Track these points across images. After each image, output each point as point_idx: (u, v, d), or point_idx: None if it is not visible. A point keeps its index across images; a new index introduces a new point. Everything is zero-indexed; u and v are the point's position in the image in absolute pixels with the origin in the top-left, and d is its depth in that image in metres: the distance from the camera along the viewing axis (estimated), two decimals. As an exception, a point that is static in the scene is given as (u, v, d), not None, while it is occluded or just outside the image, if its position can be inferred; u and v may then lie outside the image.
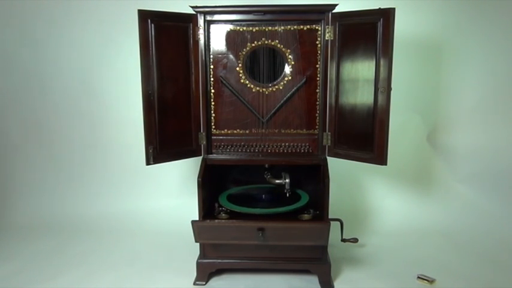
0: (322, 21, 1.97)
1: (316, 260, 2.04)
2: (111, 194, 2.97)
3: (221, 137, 2.11)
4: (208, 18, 2.00)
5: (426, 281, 2.06)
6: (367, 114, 1.94)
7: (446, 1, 2.66)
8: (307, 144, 2.09)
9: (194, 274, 2.09)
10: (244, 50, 2.03)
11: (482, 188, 2.77)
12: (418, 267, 2.21)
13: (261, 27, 2.01)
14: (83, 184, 2.99)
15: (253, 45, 2.03)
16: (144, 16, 1.91)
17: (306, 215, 2.03)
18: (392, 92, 1.87)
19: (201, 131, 2.11)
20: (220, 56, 2.05)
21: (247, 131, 2.10)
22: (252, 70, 2.06)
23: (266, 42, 2.02)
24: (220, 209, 2.10)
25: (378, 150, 1.93)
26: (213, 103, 2.09)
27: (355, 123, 1.99)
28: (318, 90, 2.05)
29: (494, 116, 2.73)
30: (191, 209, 2.50)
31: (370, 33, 1.87)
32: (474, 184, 2.79)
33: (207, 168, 2.09)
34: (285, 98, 2.05)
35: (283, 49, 2.02)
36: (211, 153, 2.12)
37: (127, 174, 2.96)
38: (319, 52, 2.01)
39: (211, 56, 2.05)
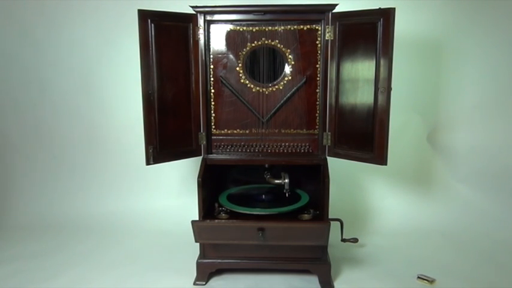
0: (322, 21, 1.97)
1: (316, 260, 2.04)
2: (111, 194, 2.97)
3: (221, 137, 2.11)
4: (208, 18, 2.00)
5: (426, 281, 2.06)
6: (367, 114, 1.94)
7: (446, 1, 2.66)
8: (307, 144, 2.09)
9: (194, 274, 2.09)
10: (244, 50, 2.03)
11: (482, 188, 2.77)
12: (418, 267, 2.21)
13: (261, 27, 2.01)
14: (83, 184, 2.99)
15: (253, 45, 2.03)
16: (144, 16, 1.91)
17: (306, 215, 2.03)
18: (392, 92, 1.87)
19: (201, 131, 2.11)
20: (220, 56, 2.05)
21: (247, 131, 2.10)
22: (252, 70, 2.06)
23: (266, 42, 2.02)
24: (220, 209, 2.10)
25: (377, 150, 1.93)
26: (213, 103, 2.09)
27: (355, 123, 1.99)
28: (318, 90, 2.05)
29: (494, 115, 2.73)
30: (191, 209, 2.51)
31: (370, 33, 1.87)
32: (474, 184, 2.79)
33: (207, 168, 2.09)
34: (285, 98, 2.05)
35: (283, 49, 2.02)
36: (211, 153, 2.12)
37: (127, 174, 2.96)
38: (319, 52, 2.01)
39: (211, 56, 2.05)
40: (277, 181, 2.17)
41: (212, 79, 2.07)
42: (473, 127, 2.77)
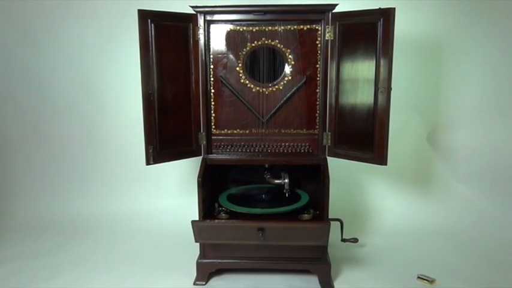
0: (322, 21, 1.97)
1: (316, 260, 2.04)
2: (111, 194, 2.97)
3: (221, 137, 2.11)
4: (208, 18, 2.00)
5: (426, 281, 2.06)
6: (367, 114, 1.94)
7: (446, 1, 2.66)
8: (307, 144, 2.09)
9: (194, 274, 2.09)
10: (244, 50, 2.03)
11: (482, 188, 2.77)
12: (418, 267, 2.21)
13: (261, 27, 2.01)
14: (83, 184, 2.99)
15: (253, 45, 2.03)
16: (144, 16, 1.91)
17: (306, 215, 2.03)
18: (392, 92, 1.87)
19: (201, 131, 2.11)
20: (220, 56, 2.05)
21: (247, 131, 2.10)
22: (252, 70, 2.06)
23: (266, 42, 2.02)
24: (220, 209, 2.10)
25: (377, 150, 1.93)
26: (213, 103, 2.09)
27: (355, 123, 1.99)
28: (318, 90, 2.05)
29: (494, 116, 2.73)
30: (191, 209, 2.51)
31: (370, 33, 1.87)
32: (474, 184, 2.79)
33: (207, 168, 2.09)
34: (285, 98, 2.05)
35: (283, 49, 2.02)
36: (211, 153, 2.12)
37: (127, 174, 2.96)
38: (319, 52, 2.01)
39: (211, 56, 2.05)
40: (277, 181, 2.17)
41: (212, 79, 2.07)
42: (473, 127, 2.77)
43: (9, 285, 2.08)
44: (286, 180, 2.10)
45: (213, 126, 2.11)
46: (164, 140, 2.04)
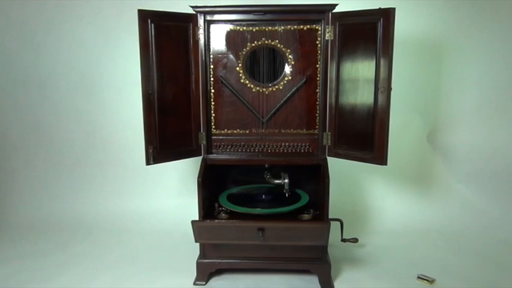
0: (322, 21, 1.97)
1: (316, 260, 2.04)
2: (111, 194, 2.97)
3: (221, 137, 2.11)
4: (208, 18, 2.00)
5: (426, 281, 2.06)
6: (367, 114, 1.94)
7: (446, 1, 2.66)
8: (307, 144, 2.09)
9: (194, 274, 2.09)
10: (244, 50, 2.03)
11: (482, 188, 2.77)
12: (418, 267, 2.21)
13: (261, 27, 2.01)
14: (83, 184, 2.99)
15: (253, 45, 2.03)
16: (144, 16, 1.91)
17: (306, 215, 2.03)
18: (392, 92, 1.87)
19: (201, 131, 2.11)
20: (220, 56, 2.05)
21: (247, 131, 2.10)
22: (252, 70, 2.06)
23: (266, 42, 2.02)
24: (220, 209, 2.10)
25: (378, 150, 1.93)
26: (213, 103, 2.09)
27: (355, 123, 1.99)
28: (318, 90, 2.05)
29: (494, 116, 2.73)
30: (191, 209, 2.50)
31: (370, 33, 1.87)
32: (474, 184, 2.79)
33: (207, 168, 2.09)
34: (285, 98, 2.05)
35: (283, 49, 2.02)
36: (211, 153, 2.12)
37: (127, 174, 2.96)
38: (319, 52, 2.01)
39: (211, 56, 2.05)
40: (277, 181, 2.17)
41: (212, 79, 2.07)
42: (474, 127, 2.77)
43: (9, 285, 2.08)
44: (286, 180, 2.10)
45: (213, 126, 2.11)
46: (164, 140, 2.04)
